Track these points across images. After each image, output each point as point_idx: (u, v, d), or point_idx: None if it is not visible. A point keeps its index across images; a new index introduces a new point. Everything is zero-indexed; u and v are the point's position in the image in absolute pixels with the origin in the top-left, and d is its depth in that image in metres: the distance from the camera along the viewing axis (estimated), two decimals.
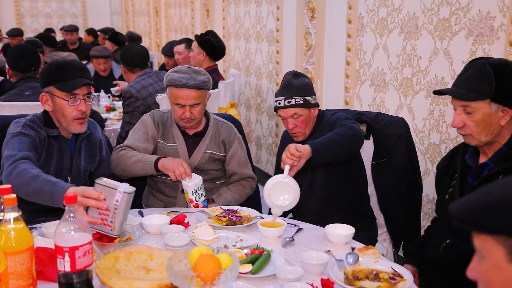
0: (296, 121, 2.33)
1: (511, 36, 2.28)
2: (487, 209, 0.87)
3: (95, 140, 2.45)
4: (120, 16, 11.39)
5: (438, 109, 2.80)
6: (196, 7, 6.65)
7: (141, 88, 3.62)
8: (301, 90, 2.33)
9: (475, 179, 1.82)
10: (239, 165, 2.54)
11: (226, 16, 5.71)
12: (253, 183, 2.59)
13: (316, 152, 2.05)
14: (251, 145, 5.28)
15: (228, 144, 2.53)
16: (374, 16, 3.23)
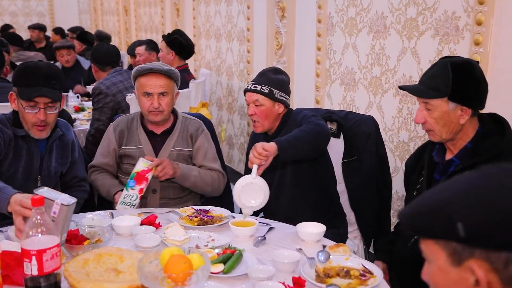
0: (256, 109, 2.34)
1: (476, 35, 2.33)
2: (425, 215, 0.89)
3: (68, 141, 2.40)
4: (89, 15, 11.21)
5: (406, 107, 2.84)
6: (166, 6, 6.60)
7: (111, 84, 3.58)
8: (272, 81, 2.34)
9: (441, 175, 1.85)
10: (205, 158, 2.52)
11: (197, 15, 5.68)
12: (222, 177, 2.56)
13: (282, 149, 2.05)
14: (222, 145, 5.27)
15: (194, 138, 2.52)
16: (343, 16, 3.26)
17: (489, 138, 1.76)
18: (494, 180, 0.87)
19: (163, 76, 2.40)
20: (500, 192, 0.84)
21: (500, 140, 1.73)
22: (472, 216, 0.83)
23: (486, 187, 0.86)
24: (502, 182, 0.86)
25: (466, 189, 0.87)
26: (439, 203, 0.87)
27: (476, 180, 0.88)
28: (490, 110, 1.85)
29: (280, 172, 2.41)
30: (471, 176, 0.89)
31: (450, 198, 0.87)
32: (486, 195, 0.84)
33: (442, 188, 0.90)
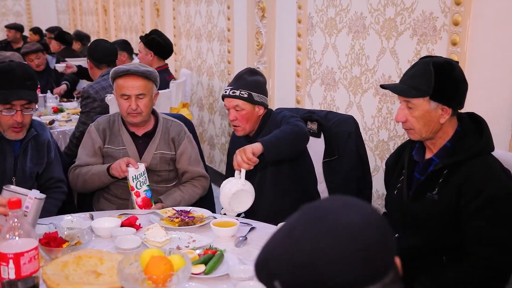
0: (237, 114, 2.35)
1: (453, 35, 2.36)
2: (255, 270, 0.83)
3: (43, 141, 2.37)
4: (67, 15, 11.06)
5: (386, 107, 2.87)
6: (145, 6, 6.56)
7: (100, 89, 3.53)
8: (249, 85, 2.35)
9: (421, 174, 1.87)
10: (189, 163, 2.51)
11: (177, 15, 5.66)
12: (205, 183, 2.57)
13: (267, 150, 2.06)
14: (204, 145, 5.25)
15: (177, 142, 2.51)
16: (323, 16, 3.28)
17: (468, 137, 1.78)
18: (299, 235, 0.80)
19: (140, 77, 2.38)
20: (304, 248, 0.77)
21: (478, 139, 1.76)
22: (285, 274, 0.77)
23: (294, 242, 0.79)
24: (306, 236, 0.79)
25: (279, 243, 0.80)
26: (261, 259, 0.82)
27: (287, 233, 0.81)
28: (467, 110, 1.88)
29: (261, 172, 2.41)
30: (287, 227, 0.83)
31: (267, 253, 0.81)
32: (291, 251, 0.78)
33: (270, 239, 0.83)
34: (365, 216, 0.79)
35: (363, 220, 0.78)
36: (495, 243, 1.67)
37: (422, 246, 1.81)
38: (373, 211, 0.82)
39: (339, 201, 0.82)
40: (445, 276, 1.73)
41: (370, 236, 0.77)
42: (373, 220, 0.79)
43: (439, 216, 1.76)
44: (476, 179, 1.70)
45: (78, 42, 7.06)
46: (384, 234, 0.80)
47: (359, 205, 0.82)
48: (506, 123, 2.17)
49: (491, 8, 2.22)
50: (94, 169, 2.39)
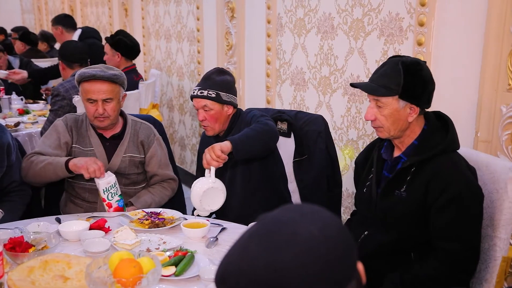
0: (206, 114, 2.34)
1: (419, 36, 2.41)
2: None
3: (3, 145, 2.31)
4: (33, 15, 10.82)
5: (354, 106, 2.90)
6: (113, 6, 6.47)
7: (71, 87, 3.46)
8: (218, 84, 2.34)
9: (390, 172, 1.90)
10: (159, 166, 2.49)
11: (146, 15, 5.60)
12: (175, 185, 2.55)
13: (236, 148, 2.07)
14: (174, 146, 5.22)
15: (147, 145, 2.48)
16: (292, 17, 3.29)
17: (434, 136, 1.82)
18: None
19: (106, 82, 2.33)
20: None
21: (444, 137, 1.80)
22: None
23: (251, 256, 0.78)
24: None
25: (237, 258, 0.79)
26: (219, 273, 0.80)
27: (244, 247, 0.80)
28: (433, 108, 1.92)
29: (231, 171, 2.41)
30: (244, 240, 0.81)
31: (225, 268, 0.80)
32: (249, 266, 0.77)
33: (227, 253, 0.82)
34: (323, 227, 0.78)
35: (321, 232, 0.77)
36: (461, 238, 1.71)
37: (391, 243, 1.84)
38: (332, 220, 0.81)
39: (296, 212, 0.80)
40: (413, 272, 1.76)
41: (328, 248, 0.76)
42: (331, 231, 0.78)
43: (407, 213, 1.79)
44: (442, 176, 1.73)
45: (45, 43, 6.91)
46: (344, 243, 0.78)
47: (317, 215, 0.80)
48: (470, 122, 2.22)
49: (454, 9, 2.27)
50: (50, 159, 2.27)
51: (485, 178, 1.84)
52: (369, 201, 1.93)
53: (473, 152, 2.02)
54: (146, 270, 1.37)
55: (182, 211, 2.47)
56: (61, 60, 3.83)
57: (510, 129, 2.05)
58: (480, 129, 2.17)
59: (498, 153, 2.11)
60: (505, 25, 2.02)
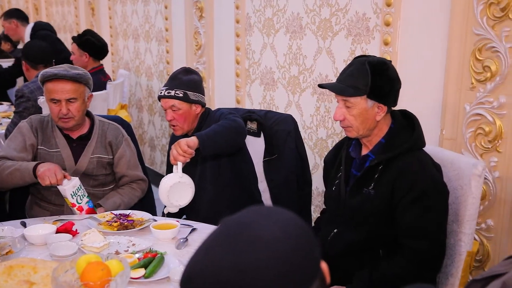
0: (174, 114, 2.34)
1: (385, 36, 2.44)
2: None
3: None
4: None
5: (323, 105, 2.93)
6: (80, 5, 6.36)
7: (36, 88, 3.38)
8: (185, 84, 2.34)
9: (358, 170, 1.92)
10: (128, 167, 2.46)
11: (113, 15, 5.52)
12: (144, 186, 2.53)
13: (203, 143, 2.08)
14: (144, 147, 5.16)
15: (115, 146, 2.44)
16: (261, 16, 3.30)
17: (401, 134, 1.84)
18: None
19: (69, 81, 2.28)
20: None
21: (410, 135, 1.83)
22: None
23: (214, 259, 0.78)
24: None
25: (201, 261, 0.79)
26: (184, 277, 0.80)
27: (208, 250, 0.80)
28: (400, 107, 1.95)
29: (201, 167, 2.41)
30: (208, 243, 0.81)
31: (190, 271, 0.79)
32: (213, 269, 0.77)
33: (192, 256, 0.81)
34: (285, 227, 0.78)
35: (283, 232, 0.77)
36: (427, 234, 1.74)
37: (360, 241, 1.86)
38: (294, 220, 0.81)
39: (258, 214, 0.81)
40: (381, 270, 1.78)
41: (290, 248, 0.76)
42: (293, 231, 0.79)
43: (375, 211, 1.81)
44: (408, 174, 1.76)
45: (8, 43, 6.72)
46: (306, 243, 0.79)
47: (279, 216, 0.81)
48: (436, 120, 2.27)
49: (419, 10, 2.31)
50: (18, 165, 2.22)
51: (450, 175, 1.88)
52: (338, 199, 1.95)
53: (439, 149, 2.06)
54: (114, 273, 1.35)
55: (152, 212, 2.45)
56: (24, 60, 3.74)
57: (474, 126, 2.10)
58: (445, 127, 2.22)
59: (462, 150, 2.16)
60: (467, 25, 2.06)
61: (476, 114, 2.09)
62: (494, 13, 1.96)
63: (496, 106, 2.01)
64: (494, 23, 1.98)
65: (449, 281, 1.85)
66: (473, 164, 1.82)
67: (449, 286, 1.84)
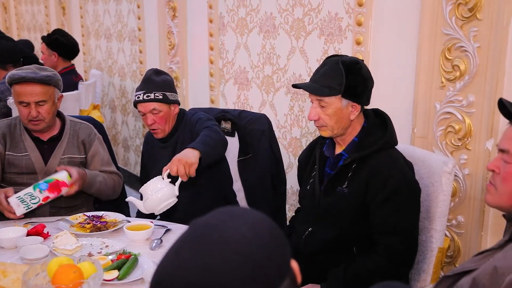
0: (155, 117, 2.31)
1: (357, 35, 2.47)
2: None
3: None
4: None
5: (297, 105, 2.94)
6: (50, 4, 6.25)
7: (6, 89, 3.30)
8: (161, 85, 2.32)
9: (332, 169, 1.93)
10: (102, 164, 2.42)
11: (84, 14, 5.45)
12: (120, 181, 2.48)
13: (204, 159, 2.02)
14: (118, 147, 5.11)
15: (88, 144, 2.41)
16: (234, 16, 3.30)
17: (373, 133, 1.86)
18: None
19: (38, 84, 2.23)
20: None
21: (383, 134, 1.85)
22: None
23: (184, 261, 0.77)
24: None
25: (171, 263, 0.79)
26: (154, 280, 0.79)
27: (177, 252, 0.79)
28: (371, 106, 1.97)
29: None
30: (177, 246, 0.81)
31: (160, 274, 0.79)
32: (182, 271, 0.77)
33: (162, 259, 0.81)
34: (253, 227, 0.78)
35: (251, 232, 0.77)
36: (399, 231, 1.77)
37: (334, 239, 1.87)
38: (262, 220, 0.81)
39: (226, 215, 0.81)
40: (355, 267, 1.80)
41: (259, 248, 0.76)
42: (262, 231, 0.79)
43: (349, 209, 1.83)
44: (381, 172, 1.78)
45: None
46: (275, 243, 0.79)
47: (247, 216, 0.81)
48: (407, 118, 2.30)
49: (390, 10, 2.34)
50: None
51: (421, 172, 1.92)
52: (312, 198, 1.96)
53: (410, 147, 2.10)
54: (87, 275, 1.34)
55: (125, 213, 2.42)
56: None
57: (444, 125, 2.14)
58: (416, 125, 2.26)
59: (433, 148, 2.20)
60: (437, 25, 2.10)
61: (446, 113, 2.13)
62: (462, 13, 2.01)
63: (465, 105, 2.05)
64: (463, 23, 2.02)
65: (421, 277, 1.88)
66: (444, 161, 1.85)
67: (421, 282, 1.87)
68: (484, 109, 2.00)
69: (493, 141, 1.97)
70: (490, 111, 1.98)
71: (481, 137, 2.02)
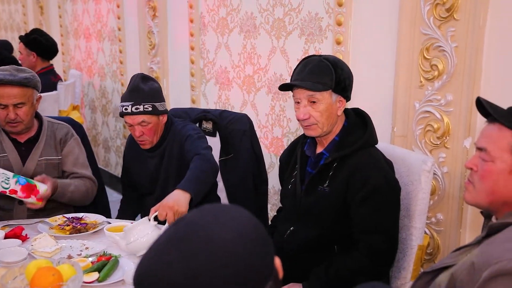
0: (144, 129, 2.23)
1: (337, 35, 2.48)
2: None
3: None
4: None
5: (278, 104, 2.95)
6: (28, 3, 6.16)
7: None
8: (150, 96, 2.23)
9: (313, 168, 1.94)
10: (76, 165, 2.38)
11: (63, 13, 5.38)
12: (94, 186, 2.43)
13: (196, 197, 1.98)
14: (98, 148, 5.06)
15: (63, 143, 2.37)
16: (215, 16, 3.29)
17: (354, 132, 1.88)
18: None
19: (16, 86, 2.20)
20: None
21: (363, 133, 1.86)
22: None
23: (166, 262, 0.77)
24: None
25: (153, 265, 0.78)
26: (136, 281, 0.79)
27: (160, 253, 0.79)
28: (351, 105, 1.99)
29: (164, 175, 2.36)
30: (159, 246, 0.80)
31: (141, 275, 0.78)
32: (166, 273, 0.76)
33: (142, 259, 0.81)
34: (238, 227, 0.78)
35: (237, 233, 0.76)
36: (380, 230, 1.78)
37: (316, 238, 1.88)
38: (247, 220, 0.80)
39: (211, 214, 0.80)
40: (336, 265, 1.81)
41: (244, 249, 0.76)
42: (247, 231, 0.78)
43: (330, 208, 1.83)
44: (362, 171, 1.79)
45: None
46: (260, 242, 0.78)
47: (232, 216, 0.80)
48: (387, 118, 2.32)
49: (370, 10, 2.36)
50: None
51: (401, 171, 1.94)
52: (293, 197, 1.97)
53: (390, 146, 2.12)
54: (66, 278, 1.32)
55: (106, 215, 2.40)
56: None
57: (423, 124, 2.17)
58: (396, 124, 2.28)
59: (413, 147, 2.22)
60: (415, 25, 2.12)
61: (425, 112, 2.15)
62: (440, 13, 2.03)
63: (444, 104, 2.08)
64: (440, 23, 2.04)
65: (401, 274, 1.90)
66: (423, 160, 1.87)
67: (401, 280, 1.89)
68: (462, 108, 2.03)
69: (471, 140, 2.00)
70: (468, 110, 2.00)
71: (459, 136, 2.05)
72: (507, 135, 1.25)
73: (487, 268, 1.10)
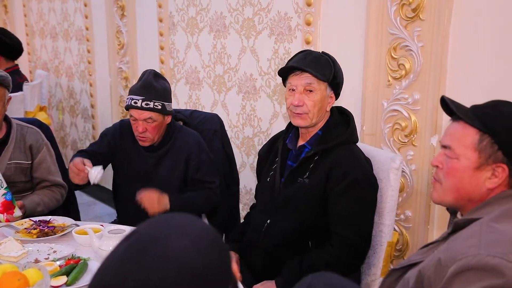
0: (148, 126, 2.19)
1: (306, 35, 2.50)
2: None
3: None
4: None
5: (249, 104, 2.95)
6: None
7: None
8: (161, 94, 2.20)
9: (294, 161, 1.95)
10: (49, 172, 2.36)
11: (28, 12, 5.26)
12: (64, 192, 2.41)
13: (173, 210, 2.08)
14: (67, 150, 4.96)
15: (35, 150, 2.33)
16: (184, 15, 3.27)
17: (337, 128, 1.91)
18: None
19: None
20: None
21: (345, 130, 1.89)
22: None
23: (123, 277, 0.76)
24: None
25: (111, 279, 0.76)
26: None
27: (117, 266, 0.77)
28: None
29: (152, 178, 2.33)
30: (115, 260, 0.78)
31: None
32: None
33: (98, 273, 0.78)
34: (194, 239, 0.77)
35: (193, 245, 0.76)
36: (355, 223, 1.80)
37: (292, 230, 1.89)
38: (203, 230, 0.80)
39: (167, 226, 0.79)
40: (310, 258, 1.82)
41: (202, 262, 0.75)
42: (203, 243, 0.78)
43: (309, 199, 1.84)
44: (343, 164, 1.81)
45: None
46: (217, 252, 0.79)
47: (188, 227, 0.80)
48: (356, 116, 2.32)
49: (338, 10, 2.39)
50: None
51: None
52: (272, 190, 1.97)
53: (361, 145, 2.13)
54: (32, 282, 1.29)
55: (76, 217, 2.36)
56: None
57: (391, 122, 2.20)
58: (365, 123, 2.31)
59: (381, 145, 2.25)
60: (382, 25, 2.16)
61: (393, 110, 2.19)
62: (406, 13, 2.07)
63: (411, 102, 2.12)
64: (407, 23, 2.08)
65: (371, 270, 1.92)
66: (391, 158, 1.90)
67: (372, 276, 1.92)
68: (428, 106, 2.06)
69: (437, 137, 2.04)
70: (434, 109, 2.04)
71: (426, 134, 2.09)
72: (470, 133, 1.28)
73: (453, 264, 1.12)
